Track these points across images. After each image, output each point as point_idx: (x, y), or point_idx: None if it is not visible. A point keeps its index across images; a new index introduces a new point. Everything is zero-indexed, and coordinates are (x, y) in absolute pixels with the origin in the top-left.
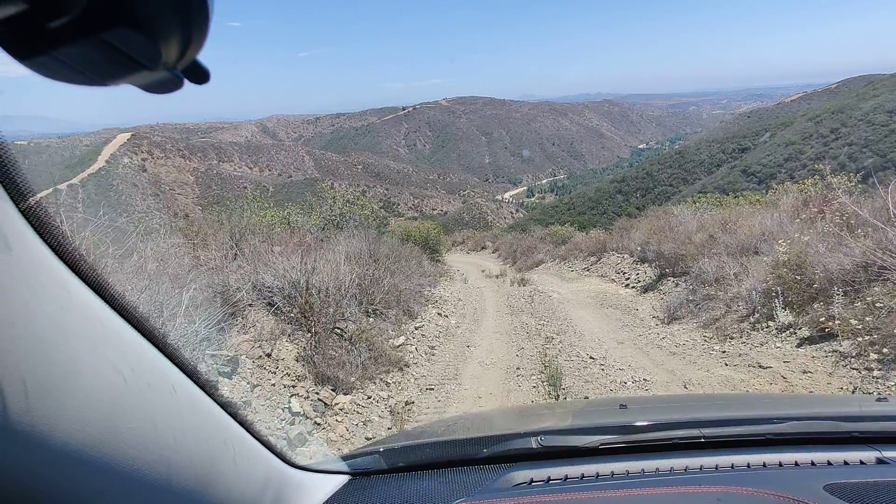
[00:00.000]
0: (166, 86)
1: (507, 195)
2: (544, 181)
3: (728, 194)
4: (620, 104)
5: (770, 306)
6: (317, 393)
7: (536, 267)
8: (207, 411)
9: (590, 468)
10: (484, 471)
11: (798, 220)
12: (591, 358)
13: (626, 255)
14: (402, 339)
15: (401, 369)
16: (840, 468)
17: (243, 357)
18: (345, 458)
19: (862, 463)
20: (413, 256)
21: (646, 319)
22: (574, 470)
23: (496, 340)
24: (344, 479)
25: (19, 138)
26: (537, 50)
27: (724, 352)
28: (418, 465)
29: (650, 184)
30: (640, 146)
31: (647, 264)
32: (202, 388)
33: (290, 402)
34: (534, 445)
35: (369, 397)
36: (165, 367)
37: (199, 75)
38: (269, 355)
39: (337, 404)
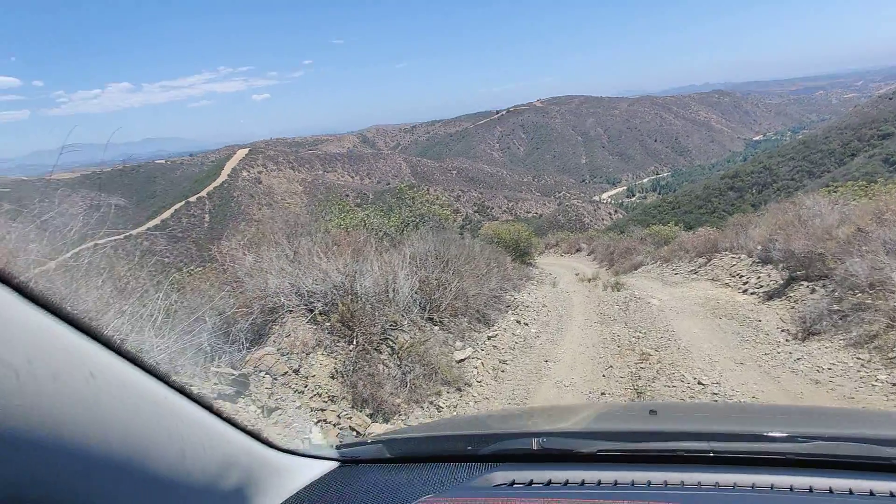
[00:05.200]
0: None
1: (604, 196)
2: (646, 180)
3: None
4: (732, 94)
5: None
6: (349, 418)
7: (635, 270)
8: (140, 392)
9: (591, 474)
10: (471, 468)
11: None
12: (699, 383)
13: (742, 256)
14: (467, 352)
15: (459, 389)
16: (864, 498)
17: (263, 374)
18: (339, 446)
19: (892, 495)
20: (494, 258)
21: (772, 333)
22: (574, 475)
23: (580, 355)
24: (332, 465)
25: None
26: (639, 45)
27: (895, 384)
28: (408, 458)
29: (768, 178)
30: (756, 138)
31: (770, 266)
32: (150, 372)
33: (311, 430)
34: (533, 447)
35: None
36: (83, 352)
37: None
38: (296, 371)
39: (370, 435)
